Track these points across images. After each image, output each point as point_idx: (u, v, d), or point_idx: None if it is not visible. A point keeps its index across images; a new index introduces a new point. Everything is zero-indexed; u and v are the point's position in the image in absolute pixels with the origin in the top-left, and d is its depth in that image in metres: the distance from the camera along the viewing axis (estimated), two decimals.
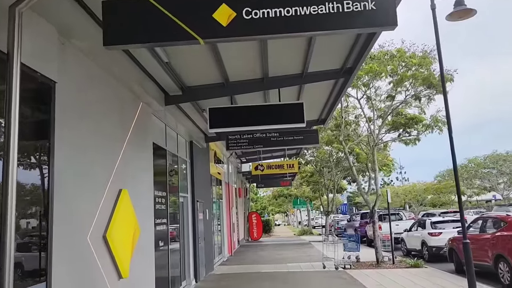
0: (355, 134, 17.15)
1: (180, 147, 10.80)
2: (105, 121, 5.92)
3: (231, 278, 12.14)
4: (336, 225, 33.83)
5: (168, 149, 9.41)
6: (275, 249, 21.53)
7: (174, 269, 9.50)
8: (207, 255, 12.91)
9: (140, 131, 7.39)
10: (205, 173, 13.72)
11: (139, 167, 7.22)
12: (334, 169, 25.76)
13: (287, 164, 17.31)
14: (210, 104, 8.43)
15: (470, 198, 54.51)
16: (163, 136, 9.19)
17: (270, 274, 12.69)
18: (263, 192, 61.25)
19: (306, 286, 10.38)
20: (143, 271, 7.01)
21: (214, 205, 16.06)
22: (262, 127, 8.08)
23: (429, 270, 12.38)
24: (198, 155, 12.54)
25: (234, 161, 22.52)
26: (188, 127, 11.41)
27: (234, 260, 16.96)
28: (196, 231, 11.53)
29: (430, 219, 16.03)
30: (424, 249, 15.36)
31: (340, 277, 11.59)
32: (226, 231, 18.68)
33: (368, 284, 10.24)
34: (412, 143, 16.54)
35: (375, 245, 13.95)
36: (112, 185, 5.88)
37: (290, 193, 40.21)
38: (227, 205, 19.69)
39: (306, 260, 15.84)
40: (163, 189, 8.75)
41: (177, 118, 10.22)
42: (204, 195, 13.11)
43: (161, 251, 8.34)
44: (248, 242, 28.23)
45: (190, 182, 11.63)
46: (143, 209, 7.22)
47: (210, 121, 8.08)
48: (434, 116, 14.97)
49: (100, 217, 5.43)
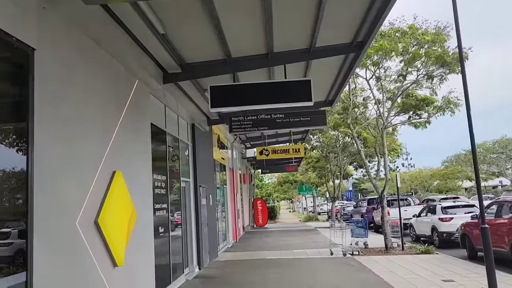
0: (363, 117, 16.59)
1: (182, 129, 10.33)
2: (96, 98, 5.44)
3: (235, 265, 11.78)
4: (342, 211, 33.47)
5: (168, 131, 8.94)
6: (281, 236, 21.18)
7: (176, 256, 9.11)
8: (211, 242, 12.54)
9: (137, 110, 6.91)
10: (208, 157, 13.27)
11: (136, 149, 6.77)
12: (341, 154, 25.25)
13: (293, 148, 16.79)
14: (212, 83, 7.91)
15: None
16: (163, 117, 8.72)
17: (275, 261, 12.32)
18: (268, 179, 60.99)
19: (313, 274, 9.98)
20: (141, 258, 6.61)
21: (218, 191, 15.65)
22: (266, 106, 7.56)
23: (441, 256, 11.94)
24: (200, 139, 12.08)
25: (238, 146, 22.06)
26: (190, 109, 10.92)
27: (239, 247, 16.62)
28: (199, 217, 11.13)
29: (440, 204, 15.53)
30: (434, 235, 14.90)
31: (348, 263, 11.19)
32: (230, 217, 18.32)
33: (377, 271, 9.82)
34: (422, 126, 15.96)
35: (384, 231, 13.52)
36: (105, 167, 5.43)
37: (295, 179, 39.78)
38: (232, 191, 19.30)
39: (313, 246, 15.45)
40: (162, 172, 8.31)
41: (178, 99, 9.73)
42: (207, 180, 12.69)
43: (161, 237, 7.94)
44: (254, 229, 27.95)
45: (192, 166, 11.20)
46: (141, 193, 6.79)
47: (211, 99, 7.59)
48: (446, 97, 14.36)
49: (90, 201, 4.99)
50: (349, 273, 9.95)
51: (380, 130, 14.42)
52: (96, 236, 5.11)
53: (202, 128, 12.15)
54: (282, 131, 20.67)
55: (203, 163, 12.21)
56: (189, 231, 10.59)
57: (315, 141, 27.81)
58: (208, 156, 13.31)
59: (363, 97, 15.73)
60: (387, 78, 14.66)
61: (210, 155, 13.70)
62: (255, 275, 10.01)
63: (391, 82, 15.09)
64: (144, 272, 6.74)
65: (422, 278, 8.89)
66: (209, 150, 13.60)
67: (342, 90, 11.42)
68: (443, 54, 12.06)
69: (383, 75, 14.28)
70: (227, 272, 10.79)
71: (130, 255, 6.02)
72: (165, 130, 8.72)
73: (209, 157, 13.57)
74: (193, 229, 10.78)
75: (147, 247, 6.95)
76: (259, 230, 26.17)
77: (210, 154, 13.71)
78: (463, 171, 47.56)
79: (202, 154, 12.27)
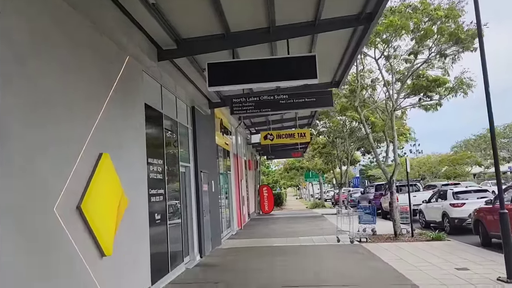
0: (371, 100, 15.98)
1: (180, 112, 9.84)
2: (78, 73, 4.95)
3: (238, 253, 11.39)
4: (349, 198, 33.00)
5: (165, 113, 8.45)
6: (287, 222, 20.79)
7: (175, 244, 8.71)
8: (213, 229, 12.14)
9: (128, 89, 6.42)
10: (210, 142, 12.80)
11: (127, 130, 6.30)
12: (348, 139, 24.67)
13: (298, 133, 16.24)
14: (210, 61, 7.38)
15: (486, 170, 53.09)
16: (159, 98, 8.22)
17: (280, 248, 11.90)
18: (275, 166, 60.63)
19: (320, 262, 9.55)
20: (134, 247, 6.19)
21: (221, 176, 15.22)
22: (268, 84, 7.04)
23: (453, 243, 11.43)
24: (201, 123, 11.59)
25: (243, 131, 21.56)
26: (189, 90, 10.41)
27: (243, 234, 16.25)
28: (200, 203, 10.70)
29: (452, 189, 14.97)
30: (445, 221, 14.38)
31: (356, 251, 10.73)
32: (235, 204, 17.92)
33: (387, 259, 9.35)
34: (433, 109, 15.34)
35: (393, 217, 13.02)
36: (89, 148, 4.97)
37: (301, 166, 39.30)
38: (236, 178, 18.87)
39: (319, 233, 15.02)
40: (159, 156, 7.85)
41: (176, 79, 9.22)
42: (209, 166, 12.23)
43: (158, 225, 7.52)
44: (259, 216, 27.60)
45: (192, 150, 10.73)
46: (133, 177, 6.34)
47: (209, 78, 7.07)
48: (459, 77, 13.70)
49: (72, 185, 4.54)
50: (357, 261, 9.50)
51: (389, 112, 13.82)
52: (79, 223, 4.67)
53: (203, 111, 11.65)
54: (287, 115, 20.14)
55: (204, 147, 11.74)
56: (189, 218, 10.18)
57: (321, 126, 27.24)
58: (210, 140, 12.83)
59: (371, 78, 15.08)
60: (396, 58, 14.02)
61: (212, 139, 13.23)
62: (258, 263, 9.60)
63: (401, 63, 14.46)
64: (137, 261, 6.33)
65: (434, 266, 8.42)
66: (211, 135, 13.12)
67: (349, 69, 10.83)
68: (457, 31, 11.38)
69: (393, 54, 13.63)
70: (230, 259, 10.39)
71: (120, 243, 5.60)
72: (162, 111, 8.24)
73: (211, 142, 13.10)
74: (193, 216, 10.36)
75: (141, 235, 6.52)
76: (265, 217, 25.82)
77: (212, 138, 13.23)
78: (472, 157, 46.75)
79: (204, 139, 11.80)
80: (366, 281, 7.46)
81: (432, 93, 14.50)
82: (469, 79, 13.96)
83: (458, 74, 13.79)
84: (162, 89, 8.38)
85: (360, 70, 14.78)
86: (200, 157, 11.02)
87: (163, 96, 8.42)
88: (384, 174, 13.64)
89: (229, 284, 7.50)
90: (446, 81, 13.66)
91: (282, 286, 7.30)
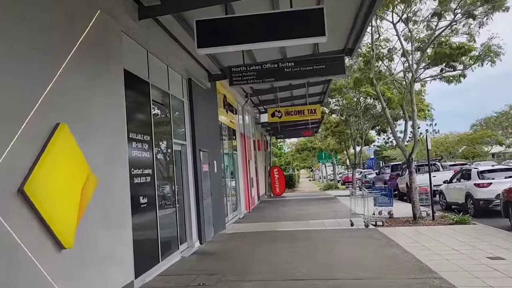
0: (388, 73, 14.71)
1: (174, 84, 8.82)
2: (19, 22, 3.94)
3: (243, 238, 10.48)
4: (364, 179, 31.89)
5: (153, 82, 7.44)
6: (298, 205, 19.84)
7: (167, 231, 7.81)
8: (216, 213, 11.24)
9: (100, 51, 5.42)
10: (211, 119, 11.79)
11: (99, 99, 5.31)
12: (362, 117, 23.41)
13: (308, 109, 15.08)
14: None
15: (508, 149, 51.12)
16: (144, 65, 7.21)
17: (288, 233, 10.95)
18: (287, 148, 59.56)
19: (331, 250, 8.56)
20: (109, 235, 5.27)
21: (226, 157, 14.26)
22: (268, 44, 5.95)
23: (479, 227, 10.32)
24: (200, 97, 10.57)
25: (251, 110, 20.50)
26: (184, 59, 9.37)
27: (251, 217, 15.36)
28: (199, 185, 9.77)
29: (476, 168, 13.74)
30: (469, 203, 13.21)
31: (372, 236, 9.71)
32: (242, 185, 16.99)
33: (406, 245, 8.32)
34: (456, 81, 14.02)
35: (412, 199, 11.93)
36: (38, 116, 3.99)
37: (314, 146, 38.12)
38: (244, 158, 17.90)
39: (331, 216, 14.03)
40: (145, 131, 6.87)
41: (166, 45, 8.18)
42: (210, 145, 11.26)
43: (144, 209, 6.59)
44: (270, 198, 26.72)
45: (189, 127, 9.74)
46: (108, 154, 5.38)
47: (198, 38, 6.01)
48: (487, 44, 12.34)
49: (11, 162, 3.59)
50: (373, 247, 8.48)
51: (408, 84, 12.59)
52: (24, 209, 3.73)
53: (202, 84, 10.61)
54: (297, 92, 18.93)
55: (204, 125, 10.75)
56: (186, 202, 9.26)
57: (334, 104, 25.99)
58: (211, 117, 11.83)
59: (388, 48, 13.77)
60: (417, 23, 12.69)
61: (214, 116, 12.22)
62: (262, 251, 8.66)
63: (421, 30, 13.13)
64: (114, 252, 5.42)
65: (462, 254, 7.35)
66: (213, 111, 12.10)
67: (363, 34, 9.63)
68: None
69: (413, 19, 12.30)
70: (232, 246, 9.49)
71: (89, 232, 4.68)
72: (148, 81, 7.22)
73: (213, 119, 12.09)
74: (191, 199, 9.44)
75: (119, 221, 5.60)
76: (275, 199, 24.93)
77: (214, 115, 12.22)
78: (493, 135, 44.85)
79: (204, 115, 10.80)
80: (383, 272, 6.45)
81: (455, 63, 13.19)
82: (497, 46, 12.60)
83: (485, 41, 12.44)
84: (148, 55, 7.35)
85: (376, 39, 13.50)
86: (198, 135, 10.04)
87: (150, 64, 7.39)
88: (403, 151, 12.49)
89: (225, 276, 6.57)
90: (472, 49, 12.32)
91: (283, 279, 6.34)
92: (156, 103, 7.70)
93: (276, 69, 8.51)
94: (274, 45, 6.18)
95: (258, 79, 8.57)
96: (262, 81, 8.55)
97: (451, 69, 13.32)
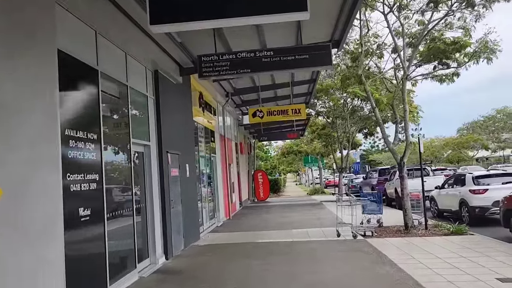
0: (377, 71, 13.74)
1: (135, 75, 7.63)
2: None
3: (217, 252, 9.30)
4: (350, 183, 30.96)
5: (104, 70, 6.24)
6: (282, 211, 18.72)
7: (121, 246, 6.60)
8: (188, 222, 10.04)
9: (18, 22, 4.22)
10: (184, 118, 10.61)
11: (16, 82, 4.11)
12: (349, 119, 22.44)
13: (292, 109, 13.97)
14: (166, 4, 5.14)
15: (493, 154, 50.89)
16: (91, 49, 6.01)
17: (268, 245, 9.80)
18: (274, 151, 58.55)
19: (314, 268, 7.43)
20: (25, 258, 4.05)
21: (202, 160, 13.07)
22: (239, 20, 4.84)
23: (479, 239, 9.33)
24: (170, 93, 9.41)
25: (232, 111, 19.35)
26: (149, 49, 8.20)
27: (230, 225, 14.17)
28: (165, 191, 8.57)
29: (471, 173, 12.81)
30: (464, 210, 12.27)
31: (361, 249, 8.63)
32: (221, 191, 15.81)
33: (401, 262, 7.25)
34: (449, 80, 13.14)
35: (404, 206, 10.91)
36: None
37: (300, 150, 37.10)
38: (223, 162, 16.72)
39: (316, 224, 12.93)
40: (90, 128, 5.66)
41: (124, 29, 7.01)
42: (182, 146, 10.07)
43: (85, 222, 5.37)
44: (254, 203, 25.56)
45: (155, 126, 8.55)
46: (26, 155, 4.18)
47: (150, 11, 4.88)
48: (483, 39, 11.42)
49: None
50: (363, 264, 7.39)
51: (399, 82, 11.61)
52: None
53: (171, 78, 9.43)
54: (281, 92, 17.82)
55: (174, 124, 9.57)
56: (150, 211, 8.05)
57: (320, 106, 25.00)
58: (184, 116, 10.65)
59: (377, 43, 12.79)
60: (408, 18, 11.74)
61: (187, 115, 11.03)
62: (236, 269, 7.49)
63: (413, 24, 12.18)
64: (35, 280, 4.20)
65: (466, 274, 6.30)
66: (186, 109, 10.92)
67: (351, 22, 8.58)
68: None
69: (404, 12, 11.33)
70: (202, 262, 8.29)
71: None
72: (97, 68, 6.02)
73: (186, 118, 10.91)
74: (156, 208, 8.23)
75: (40, 239, 4.37)
76: (259, 205, 23.78)
77: (187, 114, 11.04)
78: (479, 140, 44.47)
79: (174, 113, 9.62)
80: None
81: (449, 60, 12.26)
82: (493, 43, 11.70)
83: (482, 36, 11.52)
84: (98, 38, 6.16)
85: (365, 34, 12.50)
86: (166, 135, 8.86)
87: (100, 48, 6.19)
88: (393, 155, 11.48)
89: None
90: (467, 44, 11.39)
91: None
92: (109, 96, 6.50)
93: (253, 58, 7.39)
94: (248, 22, 5.06)
95: (232, 70, 7.43)
96: (237, 72, 7.41)
97: (445, 66, 12.40)
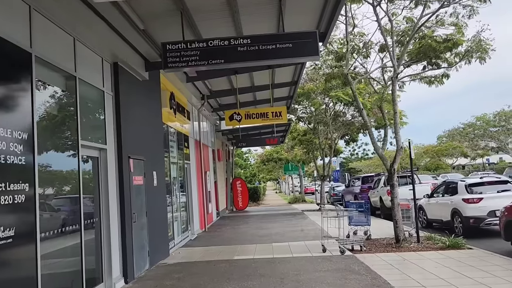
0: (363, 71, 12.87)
1: (86, 66, 6.45)
2: None
3: (185, 272, 8.09)
4: (331, 191, 30.11)
5: (40, 55, 5.05)
6: (261, 222, 17.60)
7: (62, 272, 5.37)
8: (155, 237, 8.83)
9: None
10: (151, 119, 9.43)
11: None
12: (331, 125, 21.59)
13: (272, 112, 12.93)
14: None
15: (473, 161, 51.16)
16: (23, 27, 4.82)
17: (245, 263, 8.65)
18: (254, 159, 57.43)
19: None
20: None
21: (173, 167, 11.87)
22: None
23: (479, 254, 8.43)
24: (134, 90, 8.25)
25: (209, 116, 18.16)
26: (106, 36, 7.04)
27: (205, 239, 12.97)
28: (125, 202, 7.35)
29: (464, 181, 12.00)
30: (456, 221, 11.43)
31: (351, 269, 7.57)
32: (196, 201, 14.60)
33: (399, 285, 6.24)
34: (438, 82, 12.41)
35: (394, 217, 9.96)
36: None
37: (280, 157, 36.11)
38: (198, 169, 15.53)
39: (299, 237, 11.86)
40: (17, 126, 4.45)
41: (73, 10, 5.84)
42: (148, 151, 8.89)
43: (5, 246, 4.15)
44: (232, 213, 24.35)
45: (114, 126, 7.35)
46: None
47: None
48: (477, 36, 10.69)
49: None
50: None
51: (388, 81, 10.74)
52: None
53: (134, 73, 8.26)
54: (261, 96, 16.83)
55: (139, 125, 8.39)
56: (105, 225, 6.81)
57: (301, 111, 24.12)
58: (151, 117, 9.47)
59: (363, 41, 11.91)
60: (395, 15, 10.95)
61: (156, 117, 9.85)
62: None
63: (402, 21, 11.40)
64: None
65: None
66: (154, 110, 9.74)
67: (338, 12, 7.61)
68: None
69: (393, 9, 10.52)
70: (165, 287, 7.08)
71: None
72: (30, 51, 4.83)
73: (154, 120, 9.73)
74: (113, 222, 7.00)
75: None
76: (237, 215, 22.59)
77: (156, 115, 9.86)
78: (458, 147, 44.49)
79: (138, 113, 8.45)
80: None
81: (439, 60, 11.49)
82: (485, 43, 10.98)
83: (476, 33, 10.78)
84: (33, 15, 4.97)
85: (350, 31, 11.61)
86: (128, 138, 7.67)
87: (35, 28, 5.00)
88: (383, 161, 10.57)
89: None
90: (460, 42, 10.62)
91: None
92: (48, 87, 5.30)
93: (227, 47, 6.32)
94: None
95: (202, 61, 6.33)
96: (208, 63, 6.31)
97: (435, 67, 11.62)
